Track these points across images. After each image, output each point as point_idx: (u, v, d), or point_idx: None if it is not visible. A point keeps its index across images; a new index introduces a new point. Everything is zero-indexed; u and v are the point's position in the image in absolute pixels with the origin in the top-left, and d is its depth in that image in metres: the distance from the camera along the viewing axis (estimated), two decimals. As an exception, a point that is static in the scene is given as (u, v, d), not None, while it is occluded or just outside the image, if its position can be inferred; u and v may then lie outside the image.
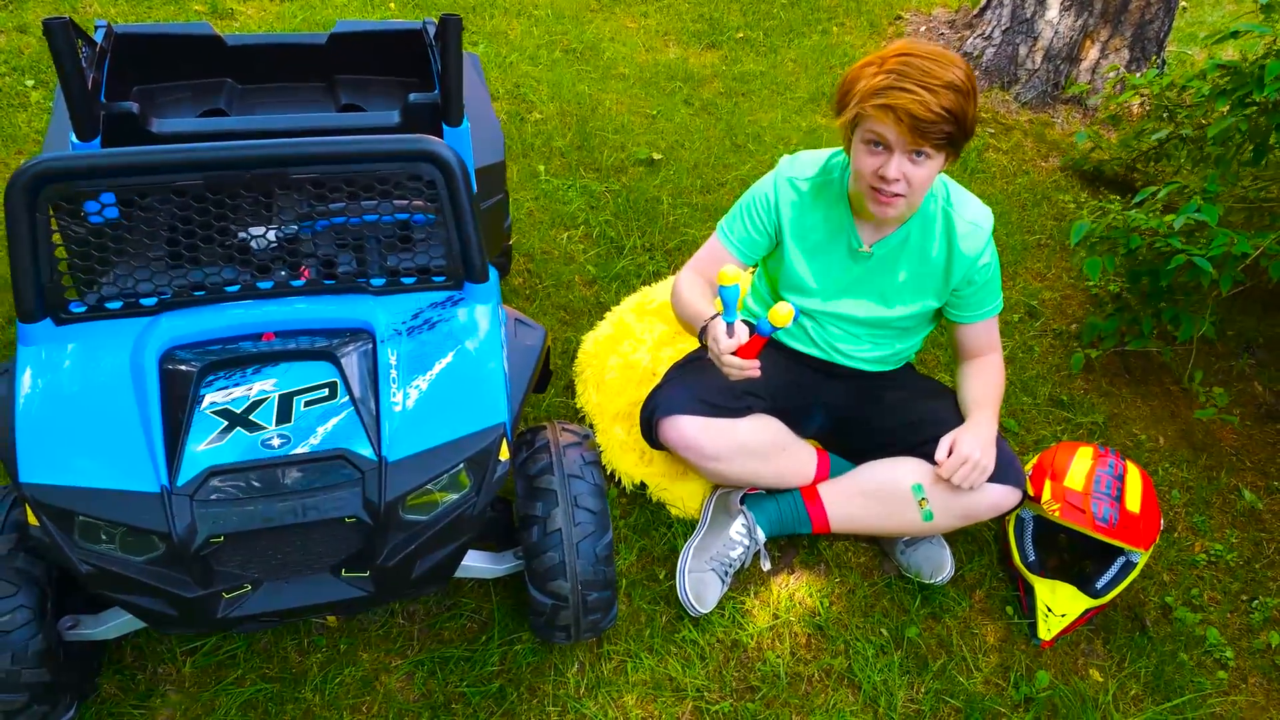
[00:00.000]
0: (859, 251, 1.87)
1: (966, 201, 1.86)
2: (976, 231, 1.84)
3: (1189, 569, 2.17)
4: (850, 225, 1.86)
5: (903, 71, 1.57)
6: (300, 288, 1.47)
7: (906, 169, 1.64)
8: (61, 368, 1.35)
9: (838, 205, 1.86)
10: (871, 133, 1.63)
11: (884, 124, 1.60)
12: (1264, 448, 2.55)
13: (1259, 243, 2.31)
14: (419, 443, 1.38)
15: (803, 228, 1.89)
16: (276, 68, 2.19)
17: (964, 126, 1.62)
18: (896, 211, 1.74)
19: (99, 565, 1.29)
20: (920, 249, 1.87)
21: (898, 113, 1.56)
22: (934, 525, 1.91)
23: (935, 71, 1.57)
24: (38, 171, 1.27)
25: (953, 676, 1.86)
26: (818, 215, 1.88)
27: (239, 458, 1.32)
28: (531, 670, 1.76)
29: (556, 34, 4.00)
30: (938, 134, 1.58)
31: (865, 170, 1.68)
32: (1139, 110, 3.63)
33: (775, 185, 1.89)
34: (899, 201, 1.71)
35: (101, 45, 1.92)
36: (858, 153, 1.69)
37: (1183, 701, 1.87)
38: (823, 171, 1.87)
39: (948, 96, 1.56)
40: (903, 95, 1.55)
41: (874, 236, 1.87)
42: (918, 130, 1.57)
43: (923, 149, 1.62)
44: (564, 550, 1.56)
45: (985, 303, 1.93)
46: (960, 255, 1.84)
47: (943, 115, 1.56)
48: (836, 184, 1.86)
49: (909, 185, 1.67)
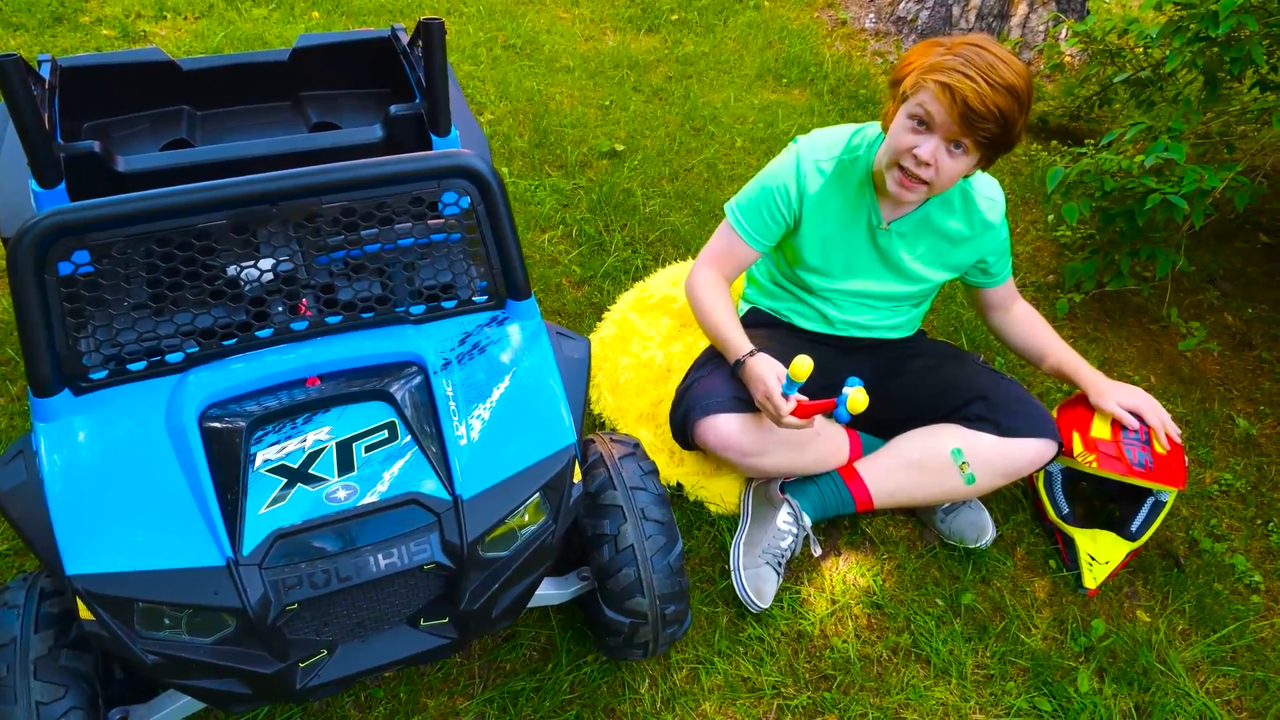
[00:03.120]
0: (879, 229, 1.86)
1: (981, 176, 1.87)
2: (994, 206, 1.87)
3: (1204, 501, 2.24)
4: (873, 202, 1.84)
5: (969, 58, 1.55)
6: (337, 325, 1.36)
7: (941, 156, 1.63)
8: (90, 441, 1.22)
9: (862, 183, 1.84)
10: (921, 108, 1.61)
11: (937, 103, 1.58)
12: (1245, 375, 2.65)
13: (1225, 175, 2.38)
14: (491, 476, 1.30)
15: (825, 210, 1.86)
16: (236, 90, 2.04)
17: (1009, 134, 1.61)
18: (915, 196, 1.72)
19: (165, 653, 1.17)
20: (940, 225, 1.87)
21: (954, 95, 1.54)
22: (976, 487, 1.92)
23: (1000, 70, 1.55)
24: (47, 227, 1.13)
25: (1015, 637, 1.87)
26: (840, 196, 1.85)
27: (305, 516, 1.21)
28: (606, 691, 1.70)
29: (492, 30, 3.88)
30: (984, 131, 1.57)
31: (901, 146, 1.65)
32: (1077, 60, 3.72)
33: (799, 171, 1.85)
34: (920, 188, 1.69)
35: (49, 81, 1.75)
36: (898, 127, 1.67)
37: (1228, 631, 1.93)
38: (848, 150, 1.84)
39: (1005, 97, 1.55)
40: (964, 80, 1.54)
41: (894, 214, 1.85)
42: (967, 120, 1.56)
43: (963, 141, 1.60)
44: (638, 566, 1.50)
45: (1008, 265, 2.00)
46: (984, 231, 1.88)
47: (994, 114, 1.55)
48: (862, 161, 1.83)
49: (937, 173, 1.65)
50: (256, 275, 1.34)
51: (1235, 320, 2.84)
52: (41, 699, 1.22)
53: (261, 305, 1.34)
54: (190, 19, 3.67)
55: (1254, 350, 2.73)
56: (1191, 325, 2.73)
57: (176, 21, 3.65)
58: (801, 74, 3.87)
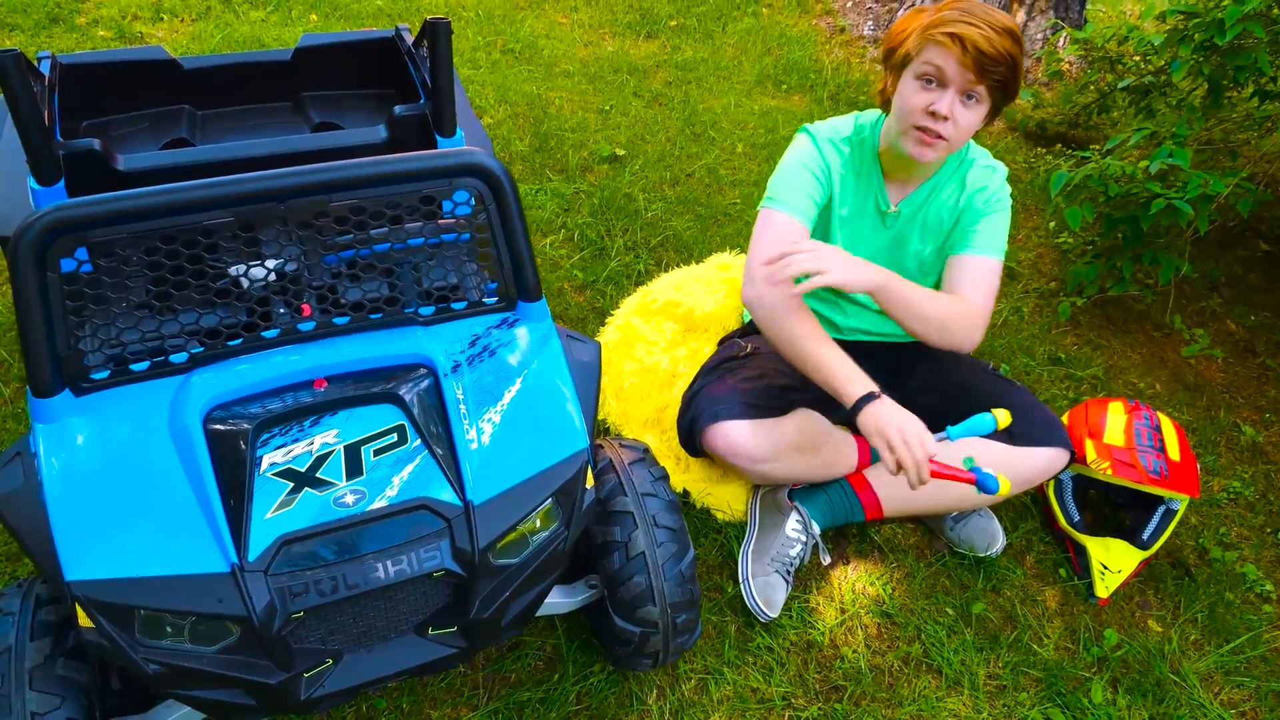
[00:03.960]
0: (887, 213, 1.84)
1: (985, 153, 1.86)
2: (991, 174, 1.83)
3: (1213, 509, 2.22)
4: (880, 185, 1.82)
5: (968, 8, 1.57)
6: (344, 326, 1.33)
7: (957, 109, 1.61)
8: (91, 443, 1.18)
9: (869, 166, 1.83)
10: (930, 65, 1.60)
11: (947, 55, 1.57)
12: (1250, 382, 2.64)
13: (1230, 181, 2.38)
14: (503, 481, 1.27)
15: (844, 194, 1.84)
16: (238, 89, 2.01)
17: (1016, 77, 1.61)
18: (935, 154, 1.67)
19: (167, 662, 1.13)
20: (940, 203, 1.85)
21: (964, 43, 1.54)
22: (988, 496, 1.89)
23: (998, 15, 1.57)
24: (49, 223, 1.10)
25: (1027, 647, 1.85)
26: (853, 181, 1.84)
27: (312, 521, 1.18)
28: (613, 703, 1.66)
29: (490, 35, 3.86)
30: (996, 75, 1.57)
31: (915, 106, 1.63)
32: (1076, 68, 3.73)
33: (820, 149, 1.81)
34: (940, 144, 1.66)
35: (49, 78, 1.72)
36: (907, 90, 1.65)
37: (1241, 642, 1.91)
38: (855, 131, 1.83)
39: (1009, 40, 1.56)
40: (970, 28, 1.54)
41: (900, 195, 1.83)
42: (981, 65, 1.55)
43: (976, 90, 1.59)
44: (650, 574, 1.47)
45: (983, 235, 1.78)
46: (972, 194, 1.81)
47: (1004, 55, 1.55)
48: (868, 143, 1.82)
49: (955, 127, 1.63)
50: (262, 276, 1.30)
51: (1238, 327, 2.83)
52: (37, 710, 1.18)
53: (267, 305, 1.31)
54: (187, 21, 3.64)
55: (1258, 357, 2.72)
56: (1195, 332, 2.73)
57: (173, 23, 3.62)
58: (801, 80, 3.86)
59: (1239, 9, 2.31)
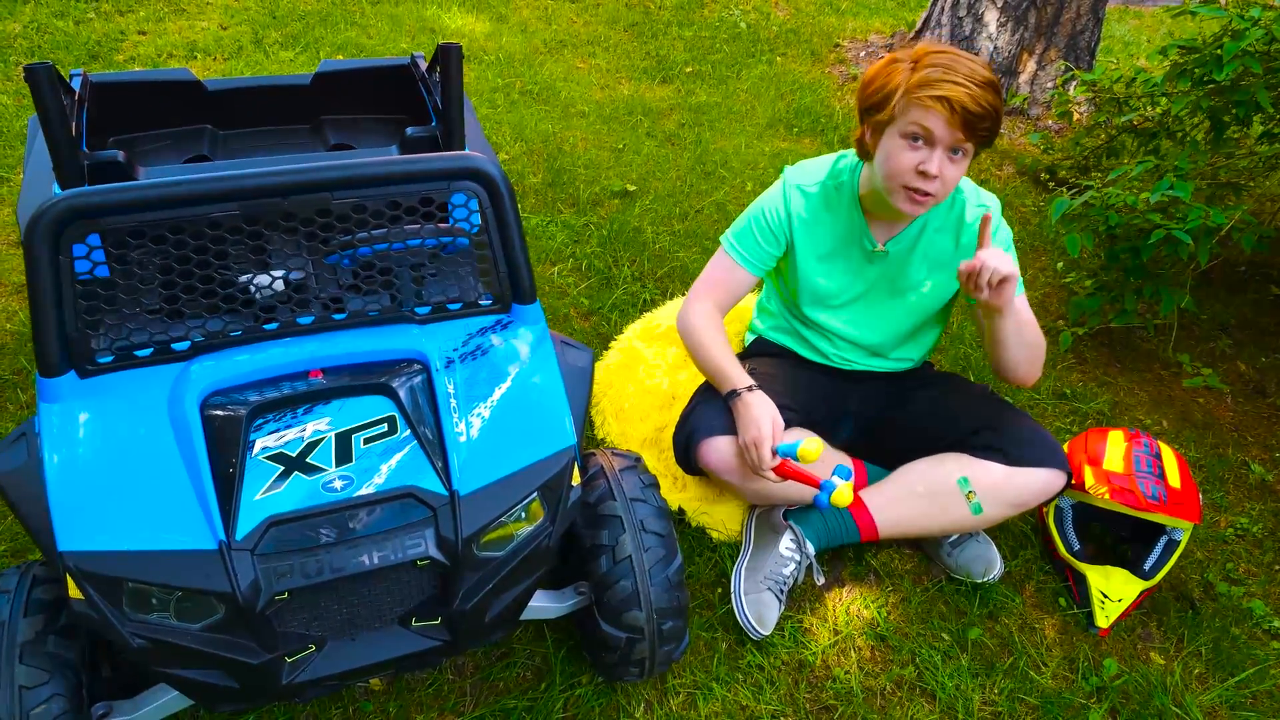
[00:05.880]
0: (874, 252, 1.87)
1: (973, 186, 1.89)
2: (985, 210, 1.85)
3: (1220, 544, 2.19)
4: (863, 226, 1.85)
5: (949, 66, 1.58)
6: (342, 321, 1.37)
7: (945, 166, 1.64)
8: (93, 424, 1.22)
9: (849, 208, 1.86)
10: (916, 125, 1.62)
11: (934, 116, 1.59)
12: (1260, 422, 2.62)
13: (1232, 215, 2.39)
14: (490, 473, 1.29)
15: (814, 235, 1.87)
16: (259, 111, 2.10)
17: (998, 127, 1.64)
18: (926, 209, 1.73)
19: (152, 637, 1.15)
20: (932, 240, 1.87)
21: (952, 105, 1.56)
22: (984, 518, 1.88)
23: (977, 70, 1.60)
24: (65, 208, 1.16)
25: (1024, 674, 1.82)
26: (828, 220, 1.87)
27: (300, 504, 1.21)
28: (599, 714, 1.65)
29: (510, 77, 3.99)
30: (983, 130, 1.60)
31: (904, 166, 1.66)
32: (1086, 115, 3.78)
33: (785, 194, 1.87)
34: (929, 200, 1.70)
35: (79, 94, 1.81)
36: (893, 150, 1.67)
37: (1247, 676, 1.87)
38: (831, 175, 1.87)
39: (991, 94, 1.59)
40: (956, 88, 1.56)
41: (887, 234, 1.86)
42: (969, 124, 1.58)
43: (963, 146, 1.62)
44: (636, 578, 1.48)
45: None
46: (971, 236, 1.84)
47: (990, 111, 1.58)
48: (847, 186, 1.85)
49: (943, 183, 1.67)
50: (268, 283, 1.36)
51: (1249, 368, 2.82)
52: (25, 683, 1.20)
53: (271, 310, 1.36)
54: (220, 59, 3.80)
55: (1268, 398, 2.70)
56: (1204, 371, 2.72)
57: (206, 61, 3.78)
58: (812, 124, 3.94)
59: (1236, 45, 2.35)
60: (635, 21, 4.75)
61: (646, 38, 4.60)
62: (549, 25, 4.59)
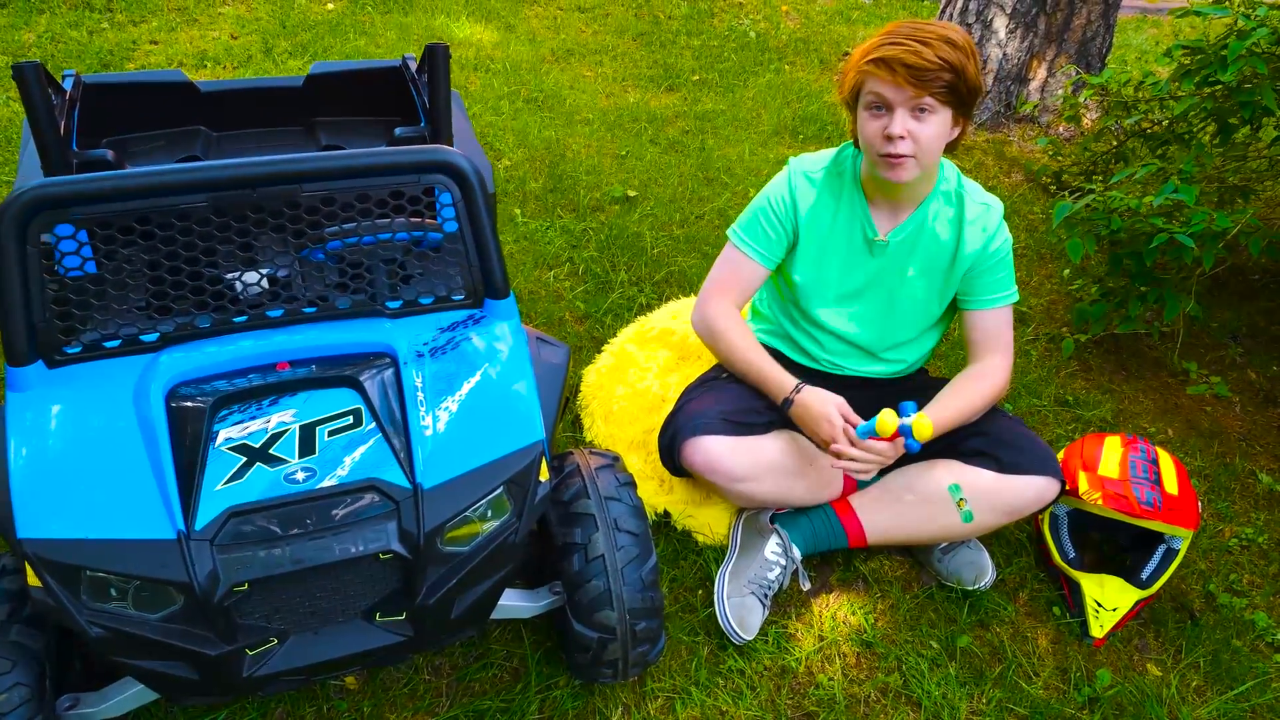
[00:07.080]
0: (875, 241, 1.84)
1: (977, 187, 1.86)
2: (988, 212, 1.83)
3: (1224, 555, 2.14)
4: (865, 214, 1.83)
5: (895, 30, 1.62)
6: (311, 314, 1.37)
7: (911, 125, 1.63)
8: (58, 413, 1.22)
9: (852, 195, 1.84)
10: (872, 94, 1.64)
11: (882, 80, 1.61)
12: (1270, 432, 2.56)
13: (1238, 219, 2.34)
14: (455, 467, 1.28)
15: (819, 222, 1.85)
16: (252, 113, 2.11)
17: (965, 79, 1.61)
18: (909, 174, 1.69)
19: (110, 626, 1.15)
20: (933, 235, 1.84)
21: (891, 65, 1.58)
22: (975, 525, 1.85)
23: (928, 28, 1.61)
24: (32, 198, 1.17)
25: (1014, 684, 1.77)
26: (832, 207, 1.85)
27: (261, 495, 1.20)
28: (574, 717, 1.63)
29: (516, 85, 4.00)
30: (937, 83, 1.59)
31: (871, 135, 1.66)
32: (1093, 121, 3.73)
33: (790, 182, 1.86)
34: (909, 163, 1.67)
35: (70, 94, 1.83)
36: (863, 123, 1.69)
37: (1246, 689, 1.81)
38: (835, 162, 1.86)
39: (943, 48, 1.58)
40: (895, 48, 1.58)
41: (889, 224, 1.83)
42: (915, 80, 1.58)
43: (924, 102, 1.61)
44: (608, 577, 1.46)
45: (995, 289, 1.86)
46: (971, 236, 1.82)
47: (939, 63, 1.57)
48: (850, 173, 1.84)
49: (916, 143, 1.65)
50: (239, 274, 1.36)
51: (1259, 377, 2.76)
52: (-14, 672, 1.20)
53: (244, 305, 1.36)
54: (229, 68, 3.84)
55: (1278, 408, 2.64)
56: (1212, 379, 2.66)
57: (216, 70, 3.82)
58: (818, 131, 3.92)
59: (1240, 45, 2.31)
60: (644, 31, 4.76)
61: (655, 47, 4.60)
62: (557, 34, 4.62)
